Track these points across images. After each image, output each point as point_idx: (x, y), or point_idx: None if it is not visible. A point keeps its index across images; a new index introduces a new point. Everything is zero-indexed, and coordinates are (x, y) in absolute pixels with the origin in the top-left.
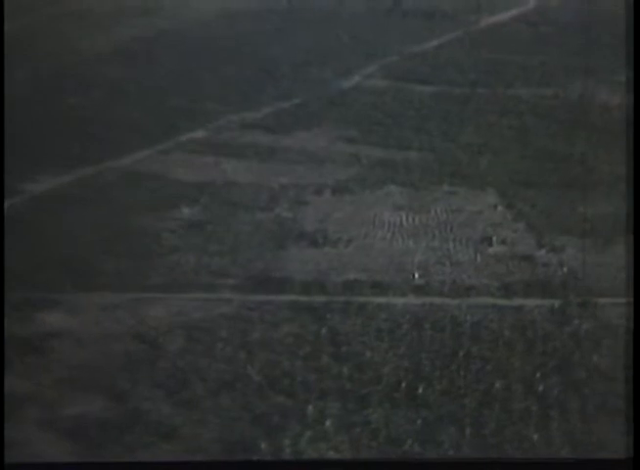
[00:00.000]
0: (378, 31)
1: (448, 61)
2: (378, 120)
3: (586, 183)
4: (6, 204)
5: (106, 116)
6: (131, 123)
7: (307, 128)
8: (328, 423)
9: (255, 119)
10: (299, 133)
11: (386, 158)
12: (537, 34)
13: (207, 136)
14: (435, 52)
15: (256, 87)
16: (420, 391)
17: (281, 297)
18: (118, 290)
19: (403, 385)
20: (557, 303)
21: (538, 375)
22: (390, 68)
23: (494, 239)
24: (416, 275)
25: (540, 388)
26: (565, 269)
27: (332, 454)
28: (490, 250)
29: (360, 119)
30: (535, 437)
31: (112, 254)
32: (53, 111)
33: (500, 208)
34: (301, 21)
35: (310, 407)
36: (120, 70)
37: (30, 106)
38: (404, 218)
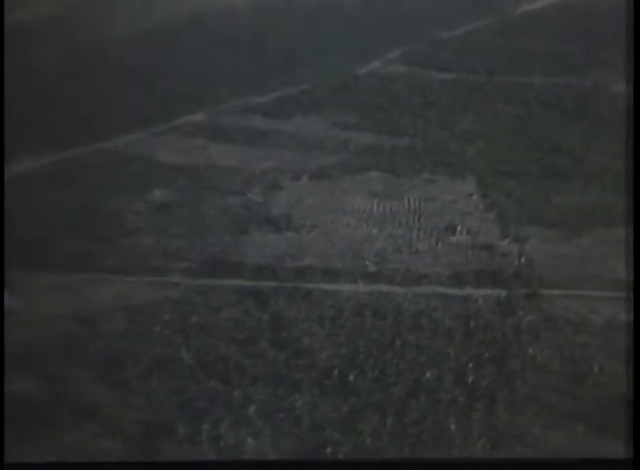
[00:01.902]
0: (408, 17)
1: (474, 48)
2: (381, 107)
3: (569, 174)
4: None
5: (112, 99)
6: (136, 107)
7: (307, 114)
8: (252, 409)
9: (259, 104)
10: (298, 119)
11: (375, 144)
12: (574, 23)
13: (205, 119)
14: (464, 39)
15: (273, 73)
16: (351, 378)
17: (230, 281)
18: (69, 271)
19: (335, 372)
20: (504, 293)
21: (471, 366)
22: (414, 54)
23: (459, 228)
24: (369, 262)
25: (470, 379)
26: (522, 260)
27: (250, 440)
28: (453, 239)
29: (363, 106)
30: (453, 427)
31: (72, 235)
32: (62, 95)
33: (475, 197)
34: (331, 6)
35: (237, 392)
36: (140, 55)
37: (41, 90)
38: (375, 205)
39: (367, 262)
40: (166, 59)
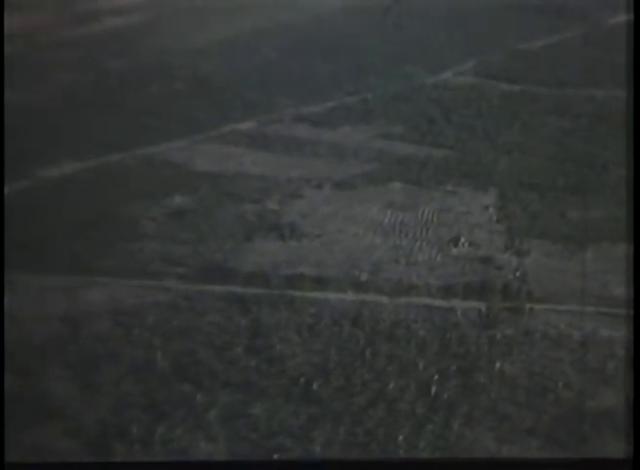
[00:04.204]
0: (492, 27)
1: (552, 59)
2: (432, 118)
3: (594, 188)
4: (14, 187)
5: (172, 107)
6: (190, 114)
7: (355, 124)
8: (213, 413)
9: (311, 113)
10: (344, 128)
11: (410, 155)
12: None
13: (252, 128)
14: (543, 50)
15: (337, 82)
16: (315, 386)
17: (219, 287)
18: (66, 273)
19: (302, 380)
20: (487, 306)
21: (436, 377)
22: (488, 65)
23: (462, 240)
24: (362, 272)
25: (433, 390)
26: (517, 273)
27: (203, 444)
28: (454, 251)
29: (414, 116)
30: (401, 438)
31: (81, 238)
32: (127, 100)
33: (491, 209)
34: (417, 15)
35: (203, 397)
36: (214, 63)
37: (110, 95)
38: (388, 216)
39: (358, 272)
40: (239, 68)
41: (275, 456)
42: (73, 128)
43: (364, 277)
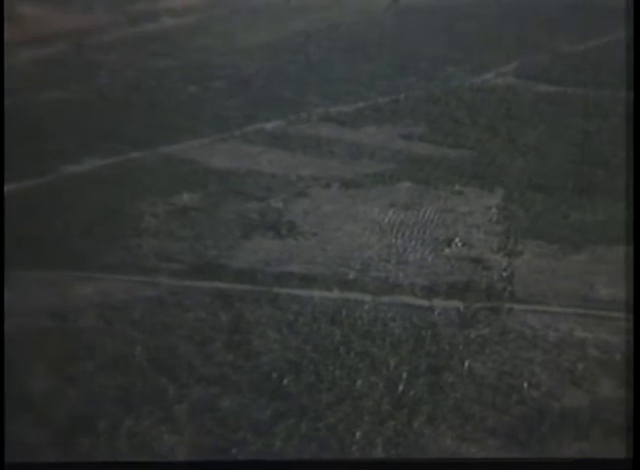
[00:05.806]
0: (543, 28)
1: (598, 61)
2: (458, 119)
3: (604, 190)
4: (31, 182)
5: (204, 106)
6: (220, 113)
7: (380, 124)
8: (182, 407)
9: (339, 113)
10: (367, 128)
11: (425, 155)
12: None
13: (276, 127)
14: (589, 52)
15: (375, 82)
16: (285, 382)
17: (207, 283)
18: (61, 268)
19: (274, 375)
20: (467, 306)
21: (405, 375)
22: (531, 66)
23: (456, 240)
24: (350, 271)
25: (400, 388)
26: (504, 274)
27: (167, 437)
28: (446, 251)
29: (441, 117)
30: (359, 434)
31: (81, 234)
32: (163, 100)
33: (494, 209)
34: (468, 17)
35: (176, 391)
36: (256, 63)
37: (146, 95)
38: (389, 216)
39: (347, 271)
40: (280, 68)
41: (233, 450)
42: (102, 127)
43: (352, 276)
